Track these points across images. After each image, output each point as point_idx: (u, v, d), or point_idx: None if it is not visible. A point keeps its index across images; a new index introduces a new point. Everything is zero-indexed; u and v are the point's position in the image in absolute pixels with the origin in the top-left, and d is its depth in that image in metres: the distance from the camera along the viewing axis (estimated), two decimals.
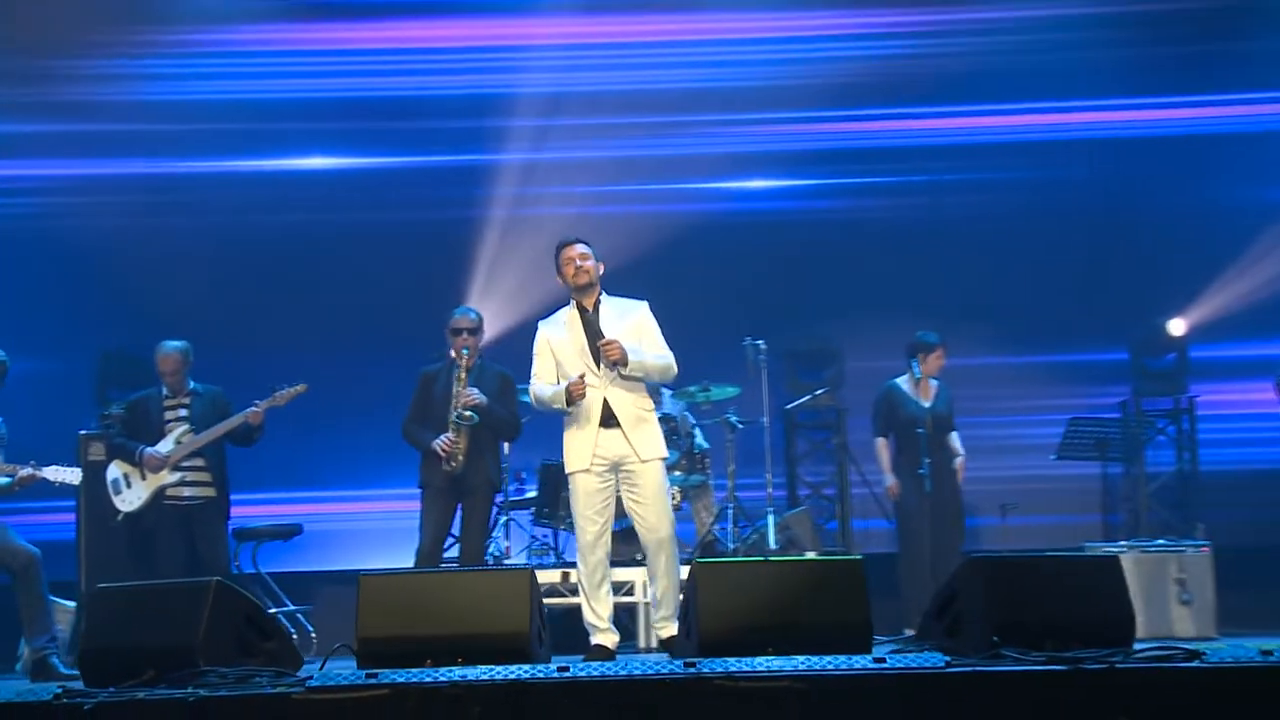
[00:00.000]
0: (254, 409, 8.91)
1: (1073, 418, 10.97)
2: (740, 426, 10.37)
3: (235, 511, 9.26)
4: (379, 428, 10.03)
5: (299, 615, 9.71)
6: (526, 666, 5.23)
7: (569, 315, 7.54)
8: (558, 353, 7.51)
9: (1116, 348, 11.70)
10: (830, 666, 4.99)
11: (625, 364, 7.28)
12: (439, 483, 8.72)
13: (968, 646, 5.35)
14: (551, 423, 9.50)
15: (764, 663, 5.00)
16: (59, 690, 5.01)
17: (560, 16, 12.12)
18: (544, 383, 7.51)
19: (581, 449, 7.39)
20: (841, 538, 11.15)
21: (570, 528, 9.76)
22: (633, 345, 7.36)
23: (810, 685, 4.88)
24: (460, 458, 8.59)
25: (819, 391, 11.14)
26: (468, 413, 8.59)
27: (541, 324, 7.68)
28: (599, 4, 12.18)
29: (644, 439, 7.38)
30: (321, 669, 5.26)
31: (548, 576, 9.20)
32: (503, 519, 9.88)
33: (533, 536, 10.24)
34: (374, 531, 11.01)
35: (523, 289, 11.05)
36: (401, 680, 4.96)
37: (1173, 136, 12.23)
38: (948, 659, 5.07)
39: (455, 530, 8.95)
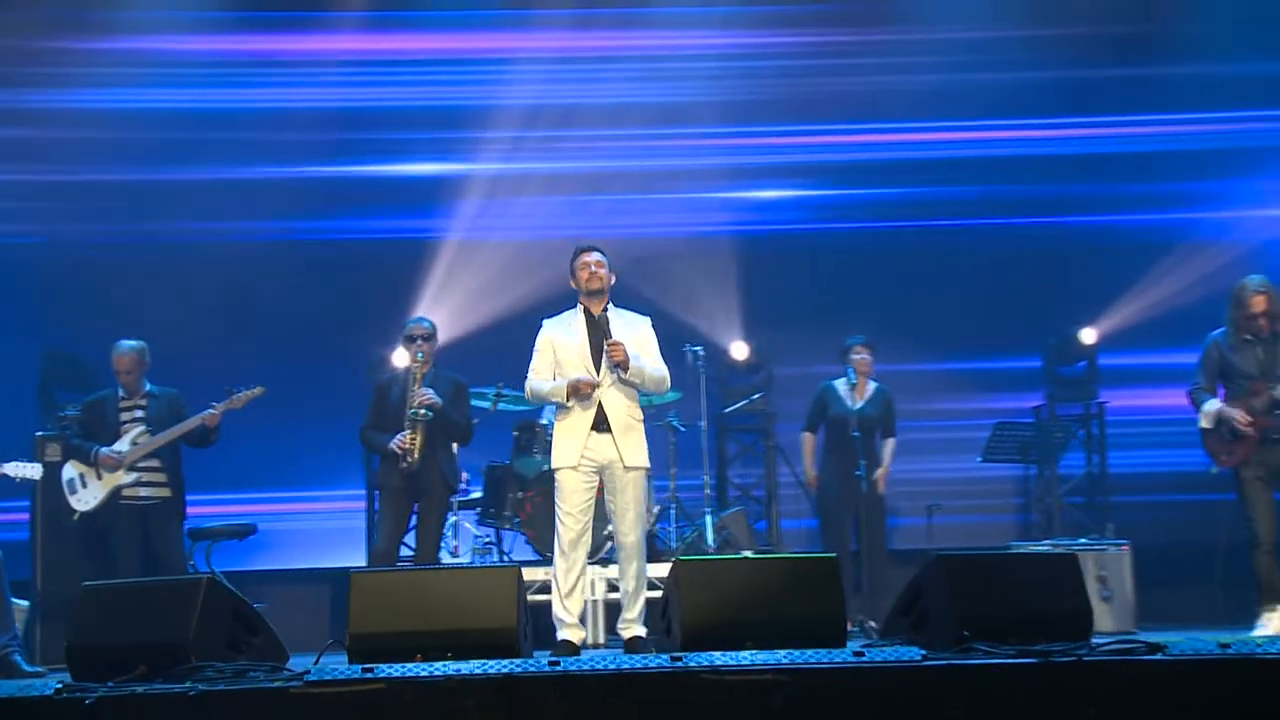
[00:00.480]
0: (211, 411, 8.86)
1: (998, 422, 11.17)
2: (681, 430, 10.47)
3: (189, 511, 9.18)
4: (330, 430, 10.15)
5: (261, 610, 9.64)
6: (518, 661, 5.27)
7: (575, 318, 7.57)
8: (559, 352, 7.54)
9: (1033, 356, 11.88)
10: (812, 660, 5.08)
11: (627, 368, 7.34)
12: (396, 484, 8.74)
13: (935, 641, 5.45)
14: (496, 427, 9.58)
15: (748, 656, 5.08)
16: (60, 685, 4.99)
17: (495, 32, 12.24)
18: (541, 378, 7.56)
19: (571, 447, 7.43)
20: (771, 537, 11.26)
21: (516, 527, 9.87)
22: (633, 353, 7.44)
23: (793, 678, 4.96)
24: (416, 454, 8.62)
25: (755, 396, 11.25)
26: (423, 410, 8.63)
27: (546, 322, 7.71)
28: (527, 20, 12.17)
29: (631, 446, 7.41)
30: (316, 664, 5.28)
31: (532, 574, 9.22)
32: (451, 519, 9.87)
33: (476, 535, 10.28)
34: (324, 532, 11.07)
35: (472, 304, 11.20)
36: (397, 674, 5.00)
37: (1084, 155, 12.50)
38: (924, 653, 5.18)
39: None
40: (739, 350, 11.55)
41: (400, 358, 10.95)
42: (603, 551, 9.40)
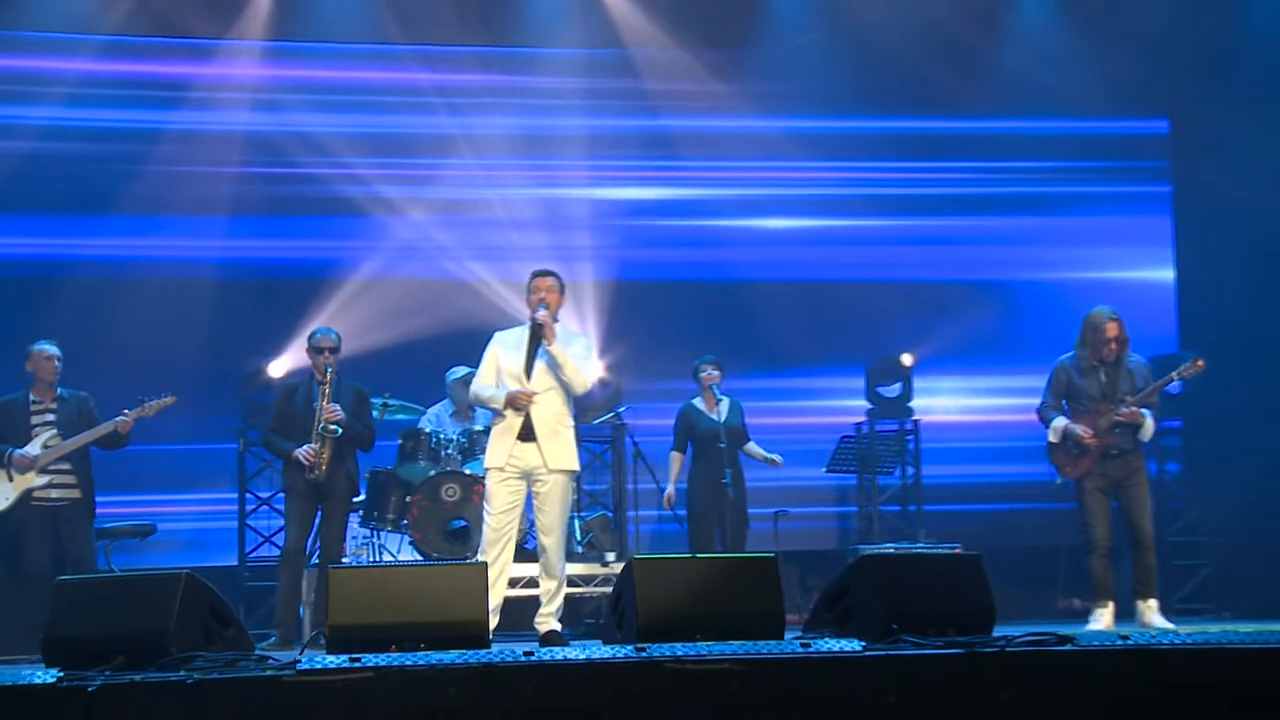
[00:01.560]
0: (124, 418, 8.73)
1: (842, 436, 11.54)
2: None
3: None
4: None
5: None
6: (495, 650, 5.37)
7: (522, 334, 7.72)
8: (501, 361, 7.70)
9: (858, 375, 12.20)
10: (764, 651, 5.28)
11: (551, 340, 7.49)
12: (301, 486, 8.75)
13: (864, 633, 5.67)
14: (379, 434, 9.57)
15: (705, 647, 5.25)
16: (61, 674, 4.93)
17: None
18: (485, 383, 7.72)
19: (500, 451, 7.57)
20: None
21: (402, 529, 9.89)
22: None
23: (747, 667, 5.15)
24: (323, 467, 8.64)
25: (621, 408, 11.29)
26: (332, 426, 8.64)
27: (497, 334, 7.88)
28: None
29: (555, 450, 7.54)
30: (301, 654, 5.30)
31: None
32: None
33: (352, 536, 10.24)
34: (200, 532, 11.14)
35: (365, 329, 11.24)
36: (383, 664, 5.05)
37: (903, 196, 12.99)
38: (864, 644, 5.40)
39: None
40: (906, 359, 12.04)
41: (277, 368, 10.91)
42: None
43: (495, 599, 7.36)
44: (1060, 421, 8.60)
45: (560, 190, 12.44)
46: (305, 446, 8.69)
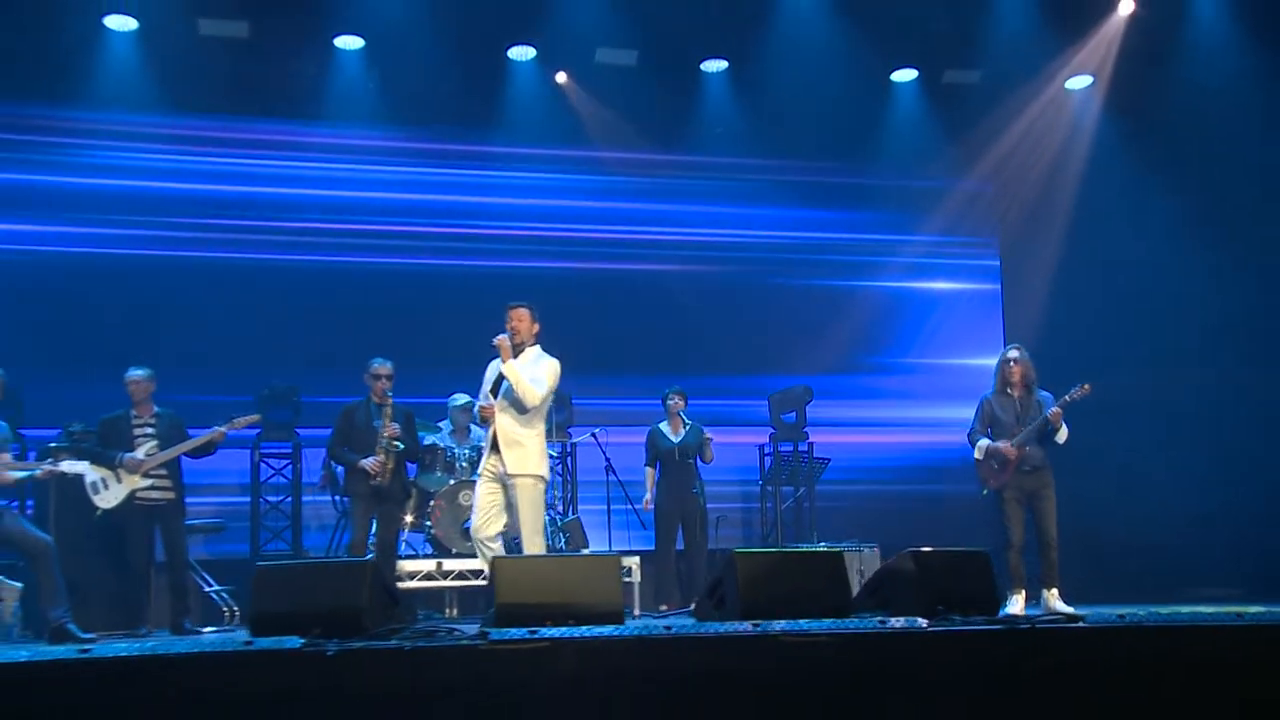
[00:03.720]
0: (219, 430, 8.93)
1: (777, 454, 12.10)
2: None
3: None
4: None
5: (223, 593, 9.66)
6: (639, 624, 5.74)
7: (499, 360, 7.89)
8: (485, 379, 7.99)
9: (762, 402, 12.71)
10: (849, 627, 5.71)
11: (505, 356, 7.75)
12: (364, 491, 8.97)
13: (912, 612, 6.11)
14: None
15: (803, 624, 5.67)
16: (304, 641, 5.20)
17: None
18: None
19: (483, 460, 7.87)
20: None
21: (426, 530, 10.16)
22: (523, 367, 7.79)
23: (839, 639, 5.55)
24: (387, 476, 8.93)
25: (597, 430, 11.71)
26: (395, 442, 8.95)
27: (491, 361, 8.05)
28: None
29: (514, 458, 7.76)
30: (488, 628, 5.61)
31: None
32: None
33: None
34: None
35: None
36: (556, 635, 5.40)
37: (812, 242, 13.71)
38: (927, 621, 5.85)
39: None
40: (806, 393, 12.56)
41: None
42: None
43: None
44: (985, 443, 9.08)
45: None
46: (371, 459, 8.93)
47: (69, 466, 8.38)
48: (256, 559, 10.97)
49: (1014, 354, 9.23)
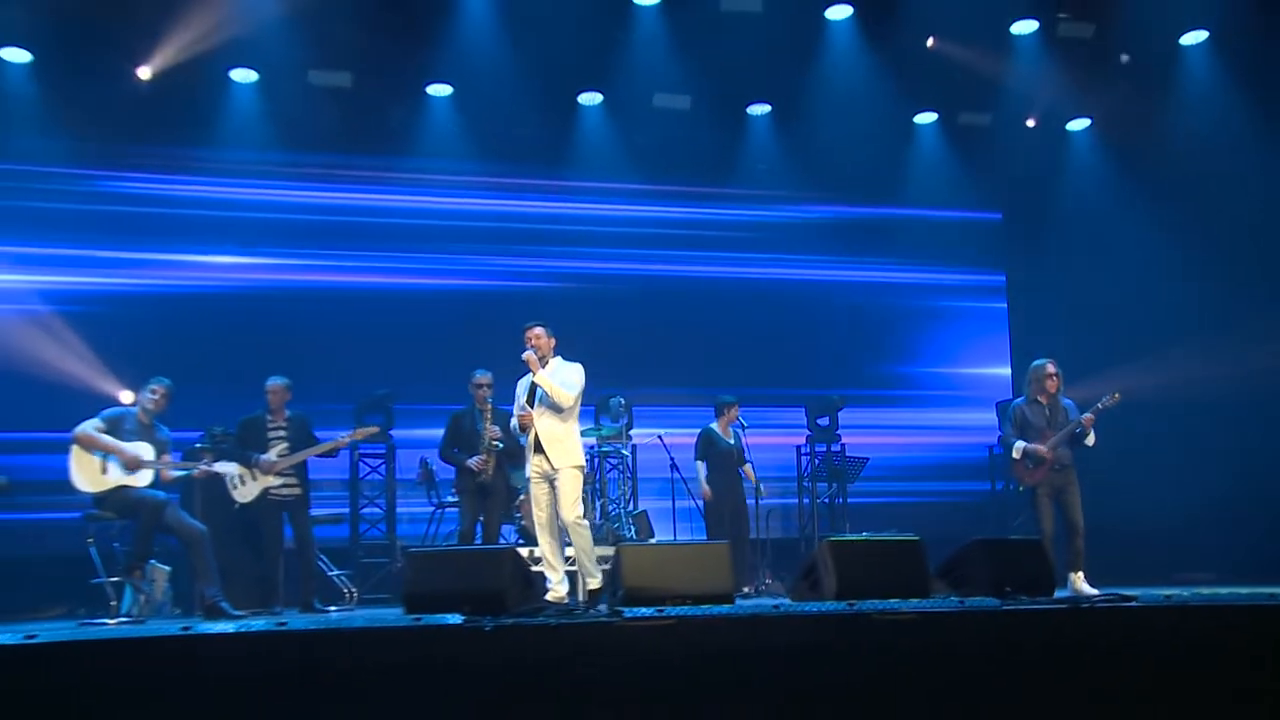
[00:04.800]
0: (343, 438, 9.03)
1: (825, 453, 12.16)
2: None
3: None
4: None
5: (342, 577, 9.75)
6: (749, 605, 5.85)
7: (529, 375, 7.84)
8: (518, 397, 7.92)
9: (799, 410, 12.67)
10: (932, 606, 5.82)
11: (535, 369, 7.69)
12: (471, 488, 9.06)
13: (981, 594, 6.19)
14: None
15: (892, 603, 5.77)
16: (464, 618, 5.29)
17: None
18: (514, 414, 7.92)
19: (530, 463, 7.77)
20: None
21: (515, 521, 10.22)
22: (552, 375, 7.75)
23: (924, 617, 5.68)
24: (490, 472, 9.02)
25: (662, 433, 11.67)
26: (496, 442, 9.03)
27: (519, 380, 8.00)
28: None
29: (556, 454, 7.62)
30: (621, 608, 5.72)
31: None
32: None
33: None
34: None
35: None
36: (678, 614, 5.49)
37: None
38: (999, 601, 5.94)
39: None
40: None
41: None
42: None
43: (553, 571, 7.51)
44: (1020, 444, 9.13)
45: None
46: (475, 458, 9.05)
47: (221, 467, 8.47)
48: (356, 547, 11.09)
49: (1053, 368, 9.22)
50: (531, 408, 7.73)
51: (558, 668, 5.15)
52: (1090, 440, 9.05)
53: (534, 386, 7.76)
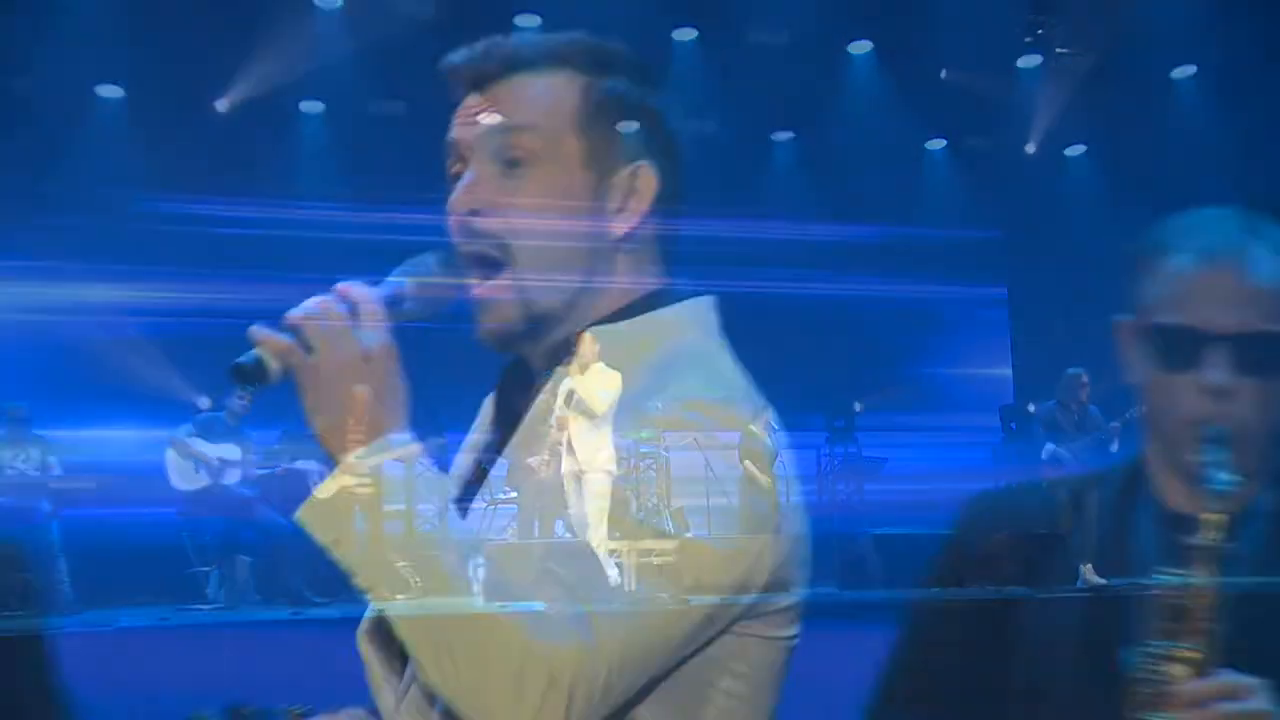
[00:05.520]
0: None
1: (867, 455, 12.09)
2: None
3: None
4: None
5: None
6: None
7: None
8: None
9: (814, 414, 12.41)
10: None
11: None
12: None
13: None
14: None
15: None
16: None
17: None
18: None
19: None
20: None
21: None
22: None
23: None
24: None
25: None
26: None
27: None
28: None
29: None
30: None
31: None
32: None
33: None
34: None
35: None
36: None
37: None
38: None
39: None
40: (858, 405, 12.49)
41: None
42: None
43: None
44: (1049, 446, 9.32)
45: None
46: None
47: (302, 464, 8.49)
48: None
49: (1085, 378, 9.27)
50: None
51: None
52: (1114, 445, 9.12)
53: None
